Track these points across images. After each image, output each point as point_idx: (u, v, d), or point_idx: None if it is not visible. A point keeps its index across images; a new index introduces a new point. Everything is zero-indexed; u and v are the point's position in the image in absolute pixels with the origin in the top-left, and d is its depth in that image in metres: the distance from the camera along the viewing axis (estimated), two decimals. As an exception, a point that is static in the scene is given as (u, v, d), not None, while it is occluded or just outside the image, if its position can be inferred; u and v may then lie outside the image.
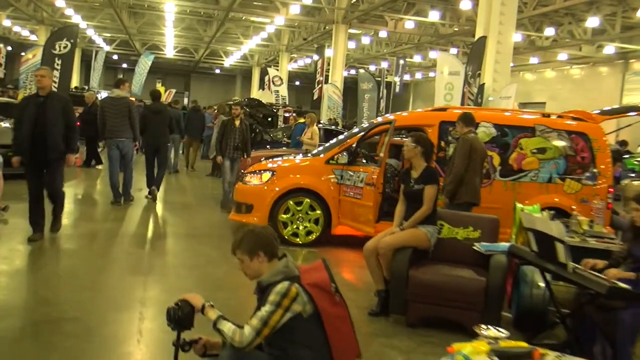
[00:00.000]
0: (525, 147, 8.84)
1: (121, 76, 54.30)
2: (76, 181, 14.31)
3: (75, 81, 36.19)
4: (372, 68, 44.25)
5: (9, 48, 35.82)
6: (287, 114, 20.55)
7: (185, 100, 43.06)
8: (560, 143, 8.86)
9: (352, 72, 44.94)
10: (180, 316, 3.39)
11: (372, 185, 8.28)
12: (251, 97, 25.26)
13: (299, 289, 3.40)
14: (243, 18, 34.86)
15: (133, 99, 14.94)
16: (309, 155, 9.89)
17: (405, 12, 28.57)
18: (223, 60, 50.54)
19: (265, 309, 3.32)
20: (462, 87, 15.88)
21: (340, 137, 10.04)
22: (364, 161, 9.30)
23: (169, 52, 46.39)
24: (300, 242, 8.84)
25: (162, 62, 48.87)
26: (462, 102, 15.19)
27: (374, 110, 21.65)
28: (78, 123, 8.99)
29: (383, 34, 32.43)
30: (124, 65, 52.64)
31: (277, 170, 9.05)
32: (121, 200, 11.21)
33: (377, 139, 10.12)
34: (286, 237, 8.81)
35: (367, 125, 9.78)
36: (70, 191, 13.32)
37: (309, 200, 8.84)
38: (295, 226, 8.86)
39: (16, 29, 40.58)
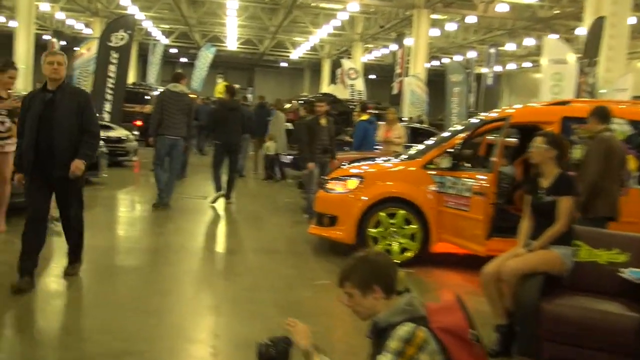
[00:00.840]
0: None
1: (180, 71, 55.15)
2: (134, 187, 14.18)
3: (131, 76, 36.61)
4: (457, 59, 43.22)
5: (63, 42, 36.66)
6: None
7: (249, 97, 43.03)
8: None
9: (435, 63, 43.95)
10: (274, 356, 2.98)
11: (482, 195, 7.61)
12: (324, 92, 24.77)
13: (427, 333, 2.90)
14: (312, 5, 34.33)
15: (194, 95, 14.75)
16: (399, 158, 9.31)
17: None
18: (290, 52, 50.30)
19: (384, 359, 2.83)
20: (573, 77, 14.97)
21: (437, 137, 9.45)
22: (468, 165, 8.64)
23: (231, 44, 46.47)
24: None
25: (223, 55, 49.03)
26: (576, 94, 14.28)
27: (464, 105, 20.82)
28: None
29: (471, 19, 31.37)
30: (183, 60, 53.10)
31: (366, 176, 8.50)
32: (159, 204, 10.95)
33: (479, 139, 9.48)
34: (376, 255, 8.29)
35: (475, 122, 9.03)
36: (126, 197, 13.23)
37: (404, 212, 8.27)
38: (387, 242, 8.31)
39: (70, 22, 41.39)
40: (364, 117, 14.04)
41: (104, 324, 5.67)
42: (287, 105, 20.76)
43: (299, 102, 21.39)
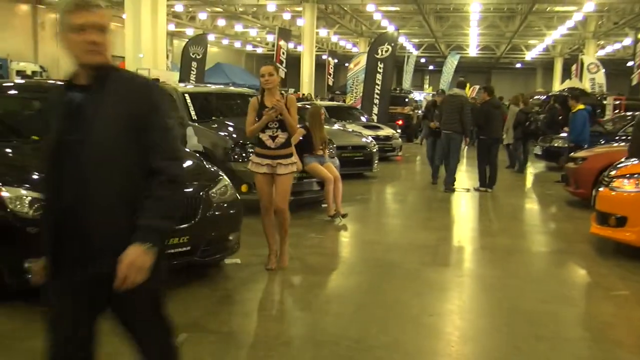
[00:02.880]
0: None
1: (427, 77, 53.73)
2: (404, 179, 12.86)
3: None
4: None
5: (336, 60, 37.09)
6: (616, 102, 16.81)
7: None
8: None
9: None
10: None
11: None
12: (572, 87, 21.66)
13: None
14: (547, 9, 30.75)
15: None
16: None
17: None
18: (524, 54, 46.28)
19: None
20: None
21: None
22: None
23: (472, 51, 43.78)
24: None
25: (463, 60, 46.25)
26: None
27: None
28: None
29: None
30: (431, 67, 51.39)
31: (664, 174, 6.26)
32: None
33: None
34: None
35: None
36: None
37: None
38: (690, 246, 6.04)
39: (341, 42, 41.86)
40: (581, 106, 11.47)
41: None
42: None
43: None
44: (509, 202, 10.44)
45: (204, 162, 5.77)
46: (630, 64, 36.37)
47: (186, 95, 9.12)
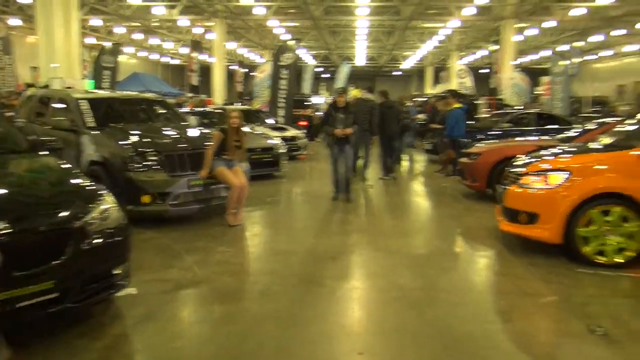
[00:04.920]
0: None
1: (324, 84, 52.71)
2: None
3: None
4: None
5: (246, 70, 35.14)
6: (490, 102, 16.33)
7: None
8: None
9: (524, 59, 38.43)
10: None
11: None
12: (450, 89, 21.25)
13: None
14: (419, 25, 30.50)
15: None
16: (592, 146, 5.91)
17: (574, 0, 22.69)
18: (401, 63, 46.39)
19: None
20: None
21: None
22: None
23: (360, 61, 43.24)
24: (605, 262, 4.99)
25: (353, 69, 45.80)
26: None
27: (567, 92, 16.59)
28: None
29: (550, 24, 26.35)
30: (326, 75, 50.40)
31: (574, 171, 5.20)
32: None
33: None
34: (588, 256, 5.03)
35: None
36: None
37: (620, 209, 4.94)
38: (600, 242, 5.02)
39: (249, 54, 39.90)
40: (457, 105, 10.73)
41: None
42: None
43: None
44: (412, 199, 9.29)
45: (85, 180, 4.01)
46: (486, 70, 37.26)
47: (81, 101, 7.16)
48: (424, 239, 6.34)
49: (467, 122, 11.31)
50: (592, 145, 5.91)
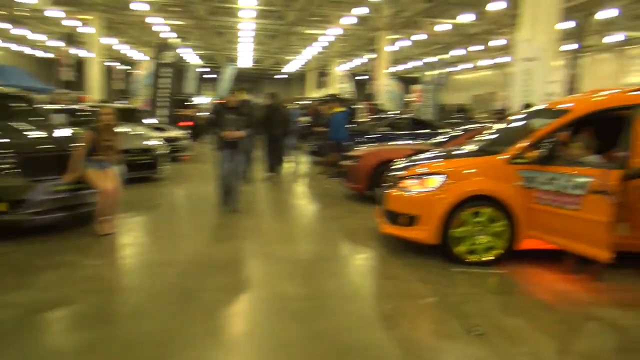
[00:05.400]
0: None
1: (209, 84, 51.14)
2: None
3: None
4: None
5: (128, 67, 32.75)
6: (369, 106, 16.72)
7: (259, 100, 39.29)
8: None
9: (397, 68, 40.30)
10: None
11: (605, 194, 4.45)
12: (331, 93, 21.46)
13: None
14: (302, 32, 30.72)
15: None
16: (464, 151, 6.07)
17: (439, 16, 24.26)
18: (284, 67, 46.45)
19: None
20: (542, 73, 11.74)
21: (493, 128, 6.21)
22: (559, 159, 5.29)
23: (244, 63, 42.52)
24: (476, 260, 5.13)
25: (238, 71, 44.91)
26: (569, 85, 11.15)
27: (437, 99, 17.57)
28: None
29: (421, 37, 27.97)
30: (211, 76, 48.86)
31: (449, 174, 5.28)
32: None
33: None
34: (460, 255, 5.14)
35: (559, 111, 5.31)
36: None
37: (489, 210, 5.10)
38: (471, 242, 5.15)
39: (129, 50, 37.26)
40: (339, 109, 10.77)
41: None
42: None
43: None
44: (297, 201, 9.07)
45: None
46: (364, 77, 38.60)
47: None
48: (309, 243, 6.12)
49: (349, 126, 11.39)
50: (463, 150, 6.09)
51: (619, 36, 24.35)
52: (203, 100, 30.03)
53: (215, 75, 46.29)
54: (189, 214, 7.51)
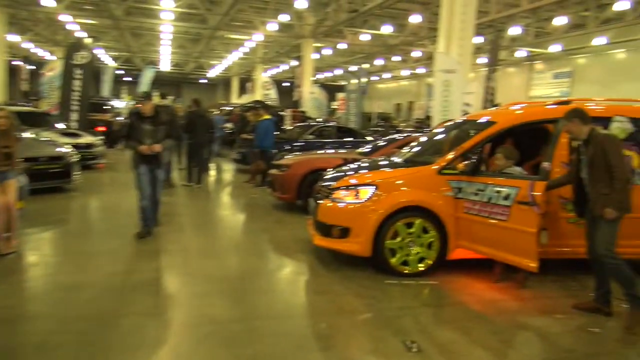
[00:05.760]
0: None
1: (125, 88, 48.66)
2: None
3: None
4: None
5: (33, 67, 30.23)
6: (294, 114, 16.53)
7: (179, 105, 37.88)
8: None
9: (320, 76, 40.54)
10: None
11: (532, 205, 4.54)
12: (256, 100, 21.09)
13: None
14: (225, 36, 30.08)
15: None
16: (393, 161, 6.03)
17: (361, 26, 24.75)
18: (207, 72, 45.26)
19: None
20: (460, 85, 12.20)
21: (419, 139, 6.27)
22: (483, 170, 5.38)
23: (164, 66, 40.94)
24: (408, 272, 5.09)
25: (158, 74, 43.16)
26: (485, 98, 11.59)
27: (360, 107, 17.73)
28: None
29: (343, 45, 28.40)
30: (128, 79, 46.55)
31: (380, 185, 5.19)
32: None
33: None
34: (394, 267, 5.08)
35: (484, 122, 5.44)
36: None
37: (421, 221, 5.08)
38: (405, 253, 5.10)
39: (37, 50, 34.51)
40: (266, 116, 10.59)
41: None
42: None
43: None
44: (223, 212, 8.66)
45: None
46: (288, 84, 38.56)
47: None
48: (237, 257, 5.79)
49: (275, 133, 11.16)
50: (392, 160, 6.07)
51: (523, 52, 26.13)
52: (120, 103, 28.49)
53: (131, 79, 44.33)
54: (104, 229, 6.88)
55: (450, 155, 5.15)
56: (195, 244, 6.22)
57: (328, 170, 6.52)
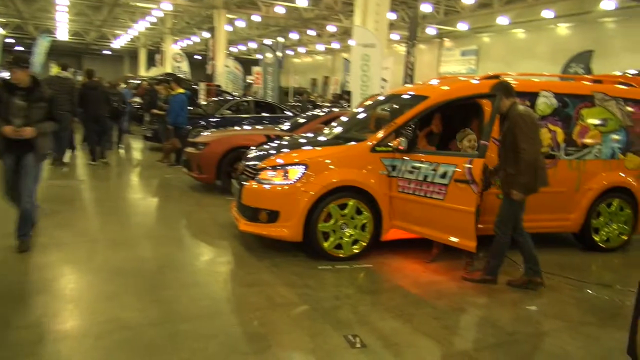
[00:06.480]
0: (586, 118, 5.40)
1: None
2: None
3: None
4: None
5: None
6: (209, 87, 15.51)
7: (80, 78, 34.85)
8: (620, 112, 5.52)
9: (233, 49, 38.90)
10: None
11: (469, 183, 4.33)
12: (168, 72, 19.64)
13: None
14: (131, 3, 27.78)
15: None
16: (320, 138, 5.63)
17: (277, -1, 23.96)
18: (111, 42, 41.89)
19: None
20: (379, 59, 12.00)
21: (354, 115, 5.91)
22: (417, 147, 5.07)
23: (62, 35, 37.26)
24: (343, 256, 4.78)
25: (55, 44, 39.16)
26: (405, 72, 11.42)
27: (276, 81, 17.10)
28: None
29: (256, 18, 27.38)
30: (20, 48, 41.98)
31: (311, 165, 4.77)
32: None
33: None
34: (329, 251, 4.74)
35: (417, 98, 5.10)
36: None
37: (354, 202, 4.75)
38: (338, 236, 4.76)
39: None
40: (180, 90, 9.78)
41: None
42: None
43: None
44: (135, 195, 7.81)
45: None
46: (199, 57, 36.72)
47: None
48: (153, 247, 5.13)
49: (189, 108, 10.32)
50: (320, 137, 5.66)
51: (433, 30, 26.71)
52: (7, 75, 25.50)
53: (23, 48, 40.05)
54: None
55: (383, 132, 4.84)
56: (102, 233, 5.46)
57: (251, 148, 6.00)
